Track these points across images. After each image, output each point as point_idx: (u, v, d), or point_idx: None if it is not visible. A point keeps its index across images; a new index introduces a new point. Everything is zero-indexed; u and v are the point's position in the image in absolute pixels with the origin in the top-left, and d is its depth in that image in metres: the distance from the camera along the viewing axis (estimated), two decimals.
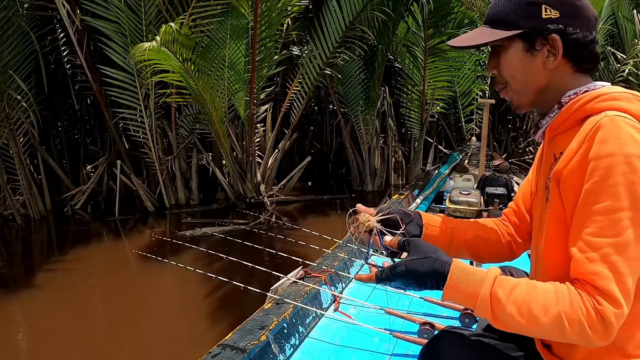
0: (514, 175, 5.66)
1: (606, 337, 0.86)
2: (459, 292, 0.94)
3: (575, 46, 0.98)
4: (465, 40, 1.07)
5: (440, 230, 1.21)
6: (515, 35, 1.00)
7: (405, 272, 0.96)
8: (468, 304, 0.94)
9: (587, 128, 0.90)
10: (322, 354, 1.83)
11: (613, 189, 0.85)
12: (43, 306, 3.56)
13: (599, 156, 0.86)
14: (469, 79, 7.84)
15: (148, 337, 3.11)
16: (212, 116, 5.35)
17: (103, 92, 5.76)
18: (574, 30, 0.97)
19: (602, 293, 0.85)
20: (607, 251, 0.85)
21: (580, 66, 1.01)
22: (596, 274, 0.86)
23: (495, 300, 0.91)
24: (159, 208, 6.04)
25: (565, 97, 1.00)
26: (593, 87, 0.99)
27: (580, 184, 0.89)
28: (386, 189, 7.19)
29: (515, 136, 9.09)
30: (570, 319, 0.86)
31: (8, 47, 5.26)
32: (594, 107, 0.93)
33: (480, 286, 0.92)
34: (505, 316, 0.90)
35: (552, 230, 0.99)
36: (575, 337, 0.87)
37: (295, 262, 2.54)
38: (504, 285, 0.92)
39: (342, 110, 7.03)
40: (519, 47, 1.01)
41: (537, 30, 0.98)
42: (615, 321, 0.84)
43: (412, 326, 1.96)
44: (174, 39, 4.33)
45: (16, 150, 5.52)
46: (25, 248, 5.06)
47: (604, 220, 0.86)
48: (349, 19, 5.76)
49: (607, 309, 0.84)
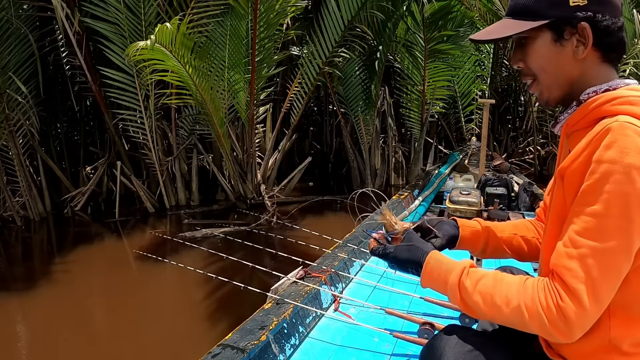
0: (514, 175, 5.66)
1: (567, 334, 0.87)
2: (433, 280, 1.04)
3: (605, 34, 0.95)
4: (489, 34, 1.04)
5: (477, 231, 1.29)
6: (542, 25, 0.97)
7: (393, 256, 1.11)
8: (441, 290, 1.04)
9: (597, 130, 0.90)
10: (322, 354, 1.82)
11: (606, 196, 0.85)
12: (43, 307, 3.55)
13: (600, 160, 0.86)
14: (468, 79, 7.84)
15: (148, 337, 3.11)
16: (213, 117, 5.35)
17: (103, 93, 5.76)
18: (603, 17, 0.94)
19: (568, 290, 0.86)
20: (585, 252, 0.86)
21: (607, 55, 0.98)
22: (569, 270, 0.87)
23: (462, 288, 0.99)
24: (159, 209, 6.04)
25: (585, 95, 0.98)
26: (615, 85, 0.97)
27: (581, 183, 0.89)
28: (387, 189, 7.19)
29: (515, 136, 9.09)
30: (530, 310, 0.89)
31: (8, 48, 5.26)
32: (609, 110, 0.92)
33: (449, 275, 1.01)
34: (472, 304, 0.98)
35: (552, 225, 1.00)
36: (536, 328, 0.90)
37: (295, 262, 2.54)
38: (472, 277, 0.99)
39: (342, 110, 7.03)
40: (547, 38, 0.98)
41: (565, 19, 0.95)
42: (576, 320, 0.85)
43: (412, 326, 1.96)
44: (171, 38, 4.32)
45: (16, 152, 5.52)
46: (25, 250, 5.05)
47: (590, 222, 0.86)
48: (347, 18, 5.76)
49: (568, 307, 0.85)
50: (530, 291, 0.91)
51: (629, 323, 0.92)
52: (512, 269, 1.46)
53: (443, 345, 1.07)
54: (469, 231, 1.28)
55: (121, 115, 5.71)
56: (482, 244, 1.29)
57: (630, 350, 0.94)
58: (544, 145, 8.34)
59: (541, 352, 1.06)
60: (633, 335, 0.93)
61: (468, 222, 1.30)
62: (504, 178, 4.43)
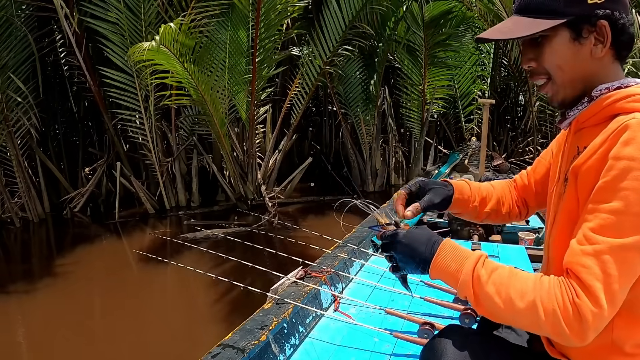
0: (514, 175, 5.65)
1: (581, 335, 0.84)
2: (445, 267, 0.97)
3: (622, 32, 0.94)
4: (502, 33, 1.00)
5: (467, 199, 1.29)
6: (561, 24, 0.94)
7: (403, 237, 1.02)
8: (452, 280, 0.97)
9: (614, 127, 0.88)
10: (322, 354, 1.82)
11: (624, 192, 0.83)
12: (42, 308, 3.55)
13: (618, 157, 0.84)
14: (469, 79, 7.83)
15: (148, 337, 3.11)
16: (213, 117, 5.34)
17: (102, 94, 5.75)
18: (620, 15, 0.93)
19: (585, 287, 0.84)
20: (602, 248, 0.84)
21: (619, 53, 0.97)
22: (585, 267, 0.85)
23: (476, 278, 0.93)
24: (159, 210, 6.03)
25: (597, 91, 0.97)
26: (626, 83, 0.96)
27: (596, 180, 0.88)
28: (387, 189, 7.19)
29: (515, 136, 9.08)
30: (545, 307, 0.86)
31: (7, 48, 5.25)
32: (624, 107, 0.91)
33: (464, 262, 0.96)
34: (484, 296, 0.92)
35: (564, 223, 0.99)
36: (549, 327, 0.86)
37: (295, 262, 2.53)
38: (487, 266, 0.94)
39: (342, 110, 7.03)
40: (566, 37, 0.95)
41: (584, 17, 0.93)
42: (591, 320, 0.82)
43: (412, 326, 1.95)
44: (173, 38, 4.32)
45: (14, 153, 5.51)
46: (24, 251, 5.04)
47: (608, 219, 0.85)
48: (348, 18, 5.76)
49: (584, 304, 0.83)
50: (547, 286, 0.88)
51: (632, 324, 0.92)
52: None
53: (443, 345, 1.06)
54: (459, 201, 1.28)
55: (121, 116, 5.71)
56: (463, 214, 1.31)
57: (632, 351, 0.93)
58: (544, 145, 8.33)
59: (541, 352, 1.05)
60: (636, 336, 0.92)
61: (461, 193, 1.27)
62: (504, 178, 4.42)
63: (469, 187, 1.30)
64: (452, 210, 1.29)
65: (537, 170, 1.31)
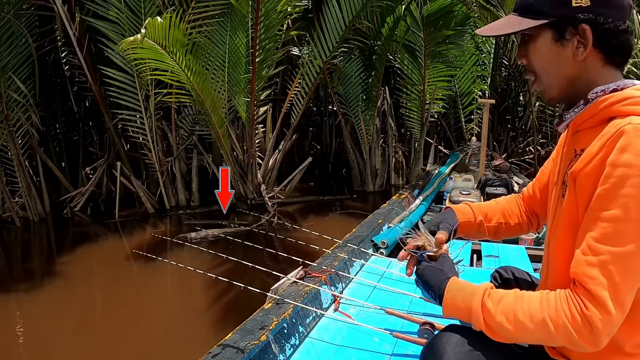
0: (514, 175, 5.65)
1: (594, 342, 0.86)
2: (455, 306, 1.03)
3: (607, 36, 0.94)
4: (494, 30, 1.05)
5: (470, 222, 1.34)
6: (544, 24, 0.96)
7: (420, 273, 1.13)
8: (464, 316, 1.02)
9: (610, 132, 0.89)
10: (322, 354, 1.82)
11: (623, 199, 0.84)
12: (42, 308, 3.55)
13: (615, 164, 0.85)
14: (469, 79, 7.83)
15: (148, 337, 3.11)
16: (212, 117, 5.34)
17: (103, 93, 5.75)
18: (606, 20, 0.93)
19: (593, 298, 0.85)
20: (606, 258, 0.85)
21: (611, 58, 0.97)
22: (591, 278, 0.86)
23: (486, 312, 0.97)
24: (159, 210, 6.03)
25: (592, 94, 0.97)
26: (623, 85, 0.96)
27: (595, 187, 0.89)
28: (387, 189, 7.19)
29: (515, 136, 9.08)
30: (555, 322, 0.88)
31: (7, 48, 5.25)
32: (620, 110, 0.91)
33: (471, 300, 0.99)
34: (496, 325, 0.96)
35: (565, 229, 0.99)
36: (563, 340, 0.88)
37: (295, 262, 2.54)
38: (493, 297, 0.98)
39: (342, 110, 7.03)
40: (548, 37, 0.98)
41: (566, 19, 0.95)
42: (602, 328, 0.84)
43: (412, 326, 1.95)
44: (164, 34, 4.28)
45: (15, 153, 5.51)
46: (25, 250, 5.04)
47: (608, 227, 0.85)
48: (349, 18, 5.76)
49: (593, 315, 0.84)
50: (553, 303, 0.90)
51: (633, 325, 0.92)
52: (512, 269, 1.45)
53: (443, 346, 1.06)
54: (464, 223, 1.33)
55: (121, 115, 5.70)
56: (473, 234, 1.36)
57: (632, 352, 0.94)
58: (544, 145, 8.33)
59: (541, 352, 1.06)
60: (636, 336, 0.93)
61: (463, 214, 1.33)
62: (504, 178, 4.43)
63: (470, 207, 1.35)
64: (462, 234, 1.34)
65: (541, 179, 1.32)
